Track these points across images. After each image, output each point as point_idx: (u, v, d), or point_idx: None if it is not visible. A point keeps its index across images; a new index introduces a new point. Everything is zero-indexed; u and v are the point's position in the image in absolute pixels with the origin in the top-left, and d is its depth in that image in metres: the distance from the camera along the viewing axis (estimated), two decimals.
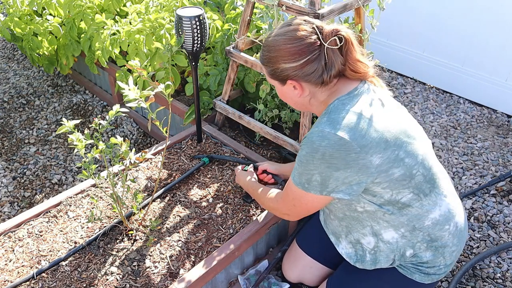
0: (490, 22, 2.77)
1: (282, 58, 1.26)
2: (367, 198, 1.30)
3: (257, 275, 1.76)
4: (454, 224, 1.38)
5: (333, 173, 1.22)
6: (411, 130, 1.30)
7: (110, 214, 1.76)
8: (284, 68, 1.26)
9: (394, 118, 1.28)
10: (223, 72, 2.32)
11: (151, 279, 1.53)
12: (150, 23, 2.27)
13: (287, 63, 1.25)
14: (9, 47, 3.80)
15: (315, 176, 1.24)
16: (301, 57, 1.23)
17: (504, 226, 2.17)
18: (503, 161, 2.55)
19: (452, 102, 3.05)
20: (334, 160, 1.20)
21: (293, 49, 1.24)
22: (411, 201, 1.30)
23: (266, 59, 1.32)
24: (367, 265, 1.45)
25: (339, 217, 1.45)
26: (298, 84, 1.29)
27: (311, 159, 1.23)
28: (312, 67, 1.24)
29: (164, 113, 2.48)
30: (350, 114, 1.22)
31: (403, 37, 3.23)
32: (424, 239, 1.36)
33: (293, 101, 1.37)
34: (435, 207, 1.34)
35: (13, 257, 1.60)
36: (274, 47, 1.28)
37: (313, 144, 1.22)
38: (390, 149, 1.22)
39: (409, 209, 1.31)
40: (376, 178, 1.24)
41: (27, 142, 2.73)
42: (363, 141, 1.19)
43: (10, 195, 2.37)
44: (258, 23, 2.28)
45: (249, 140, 2.26)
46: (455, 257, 1.43)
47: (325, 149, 1.20)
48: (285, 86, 1.32)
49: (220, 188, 1.90)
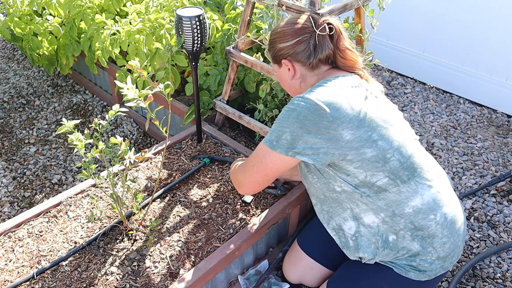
0: (490, 22, 2.78)
1: (278, 39, 1.43)
2: (342, 177, 1.36)
3: (257, 275, 1.76)
4: (441, 214, 1.39)
5: (304, 135, 1.29)
6: (390, 118, 1.37)
7: (110, 214, 1.76)
8: (280, 47, 1.42)
9: (374, 104, 1.35)
10: (223, 72, 2.32)
11: (151, 279, 1.53)
12: (150, 23, 2.27)
13: (282, 43, 1.42)
14: (9, 47, 3.80)
15: (286, 135, 1.31)
16: (294, 38, 1.39)
17: (504, 226, 2.17)
18: (503, 161, 2.55)
19: (452, 102, 3.06)
20: (307, 122, 1.28)
21: (288, 31, 1.41)
22: (387, 186, 1.35)
23: (269, 43, 1.49)
24: (351, 251, 1.49)
25: (320, 199, 1.50)
26: (291, 64, 1.42)
27: (286, 117, 1.31)
28: (302, 46, 1.39)
29: (164, 113, 2.48)
30: (331, 89, 1.33)
31: (403, 37, 3.23)
32: (407, 226, 1.38)
33: (287, 84, 1.50)
34: (416, 195, 1.37)
35: (13, 257, 1.60)
36: (274, 31, 1.47)
37: (292, 104, 1.32)
38: (363, 129, 1.29)
39: (386, 194, 1.35)
40: (348, 155, 1.30)
41: (27, 142, 2.73)
42: (336, 114, 1.27)
43: (10, 195, 2.37)
44: (258, 23, 2.28)
45: (249, 140, 2.26)
46: (449, 249, 1.41)
47: (301, 110, 1.29)
48: (281, 68, 1.47)
49: (220, 188, 1.90)
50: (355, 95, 1.33)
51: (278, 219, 1.79)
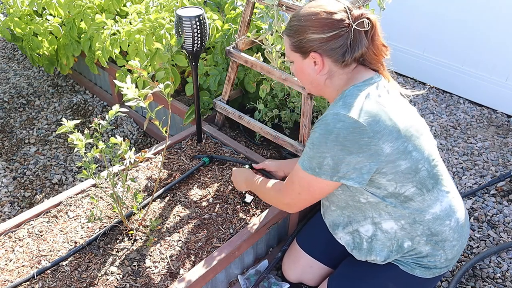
0: (490, 22, 2.78)
1: (311, 28, 1.25)
2: (371, 190, 1.31)
3: (257, 275, 1.76)
4: (455, 219, 1.39)
5: (346, 156, 1.21)
6: (420, 126, 1.32)
7: (110, 214, 1.76)
8: (311, 38, 1.26)
9: (405, 111, 1.30)
10: (223, 72, 2.32)
11: (151, 279, 1.53)
12: (150, 23, 2.27)
13: (315, 34, 1.25)
14: (9, 47, 3.80)
15: (327, 160, 1.23)
16: (330, 30, 1.24)
17: (504, 226, 2.17)
18: (503, 161, 2.55)
19: (452, 102, 3.06)
20: (348, 143, 1.19)
21: (324, 21, 1.24)
22: (413, 195, 1.32)
23: (293, 29, 1.30)
24: (362, 254, 1.46)
25: (341, 207, 1.45)
26: (321, 58, 1.28)
27: (324, 141, 1.22)
28: (338, 42, 1.24)
29: (164, 113, 2.48)
30: (366, 99, 1.23)
31: (403, 37, 3.23)
32: (424, 233, 1.37)
33: (309, 78, 1.35)
34: (437, 202, 1.35)
35: (13, 257, 1.60)
36: (305, 16, 1.27)
37: (328, 125, 1.21)
38: (401, 140, 1.23)
39: (411, 203, 1.33)
40: (383, 169, 1.24)
41: (27, 142, 2.73)
42: (376, 127, 1.19)
43: (10, 195, 2.37)
44: (258, 23, 2.28)
45: (249, 140, 2.26)
46: (456, 252, 1.43)
47: (339, 131, 1.19)
48: (306, 59, 1.31)
49: (220, 188, 1.90)
50: (389, 102, 1.26)
51: (278, 219, 1.79)
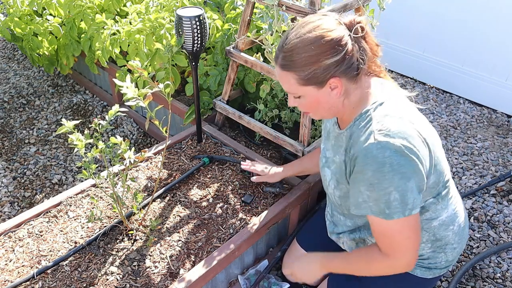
0: (490, 22, 2.78)
1: (324, 54, 1.12)
2: None
3: (257, 275, 1.76)
4: (458, 224, 1.39)
5: (407, 184, 1.11)
6: (435, 134, 1.26)
7: (110, 214, 1.76)
8: (327, 65, 1.13)
9: (425, 122, 1.24)
10: (223, 72, 2.32)
11: (151, 279, 1.53)
12: (150, 23, 2.27)
13: (330, 58, 1.12)
14: (9, 47, 3.80)
15: (393, 194, 1.12)
16: (343, 48, 1.12)
17: (504, 226, 2.17)
18: (503, 161, 2.55)
19: (452, 102, 3.05)
20: (403, 168, 1.10)
21: (333, 41, 1.11)
22: (429, 206, 1.29)
23: (300, 61, 1.14)
24: None
25: (357, 223, 1.42)
26: (340, 81, 1.16)
27: (382, 176, 1.11)
28: (351, 58, 1.14)
29: (164, 113, 2.48)
30: (396, 120, 1.15)
31: (403, 37, 3.23)
32: (429, 239, 1.36)
33: (327, 105, 1.22)
34: (445, 209, 1.33)
35: (13, 257, 1.60)
36: (311, 43, 1.12)
37: (376, 159, 1.11)
38: (430, 154, 1.18)
39: (426, 214, 1.30)
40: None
41: (27, 142, 2.73)
42: (417, 145, 1.13)
43: (10, 195, 2.37)
44: (258, 23, 2.28)
45: (249, 140, 2.26)
46: (457, 253, 1.43)
47: (391, 160, 1.10)
48: (323, 89, 1.17)
49: (220, 188, 1.90)
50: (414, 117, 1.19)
51: (278, 219, 1.79)
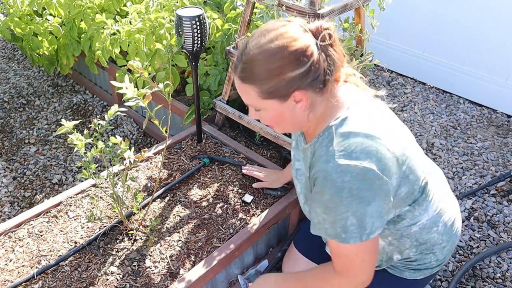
0: (490, 22, 2.78)
1: (288, 66, 1.04)
2: None
3: (257, 275, 1.76)
4: (442, 223, 1.33)
5: (366, 209, 1.06)
6: (409, 140, 1.21)
7: (110, 214, 1.76)
8: (291, 77, 1.05)
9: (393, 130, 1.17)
10: (223, 72, 2.32)
11: (151, 279, 1.53)
12: (150, 23, 2.27)
13: (294, 70, 1.04)
14: (9, 47, 3.80)
15: (350, 219, 1.07)
16: (308, 59, 1.04)
17: (504, 226, 2.17)
18: (503, 161, 2.55)
19: (452, 102, 3.06)
20: (363, 193, 1.05)
21: (297, 52, 1.04)
22: (405, 213, 1.24)
23: (261, 73, 1.06)
24: None
25: None
26: (305, 94, 1.08)
27: (340, 201, 1.06)
28: (318, 69, 1.06)
29: (164, 112, 2.48)
30: (360, 139, 1.07)
31: (403, 37, 3.23)
32: (412, 244, 1.32)
33: (292, 120, 1.15)
34: (424, 213, 1.28)
35: (13, 257, 1.60)
36: (274, 54, 1.04)
37: (335, 183, 1.05)
38: (400, 167, 1.12)
39: (402, 222, 1.26)
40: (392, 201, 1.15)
41: (27, 142, 2.73)
42: (382, 165, 1.06)
43: (10, 195, 2.37)
44: (258, 23, 2.28)
45: (249, 140, 2.26)
46: (448, 251, 1.39)
47: (351, 184, 1.04)
48: (286, 102, 1.10)
49: (220, 188, 1.90)
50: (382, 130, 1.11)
51: (278, 219, 1.79)
